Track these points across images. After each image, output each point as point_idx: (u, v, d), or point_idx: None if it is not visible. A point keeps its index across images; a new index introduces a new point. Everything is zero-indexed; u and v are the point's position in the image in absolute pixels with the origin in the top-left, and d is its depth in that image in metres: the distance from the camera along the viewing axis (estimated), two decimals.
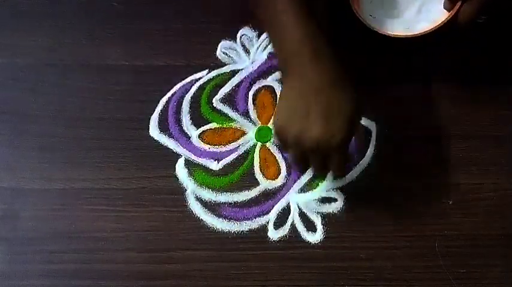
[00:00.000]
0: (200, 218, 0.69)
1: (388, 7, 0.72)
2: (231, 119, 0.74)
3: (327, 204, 0.70)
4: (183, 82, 0.76)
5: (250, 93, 0.75)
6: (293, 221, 0.69)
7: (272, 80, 0.76)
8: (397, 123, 0.73)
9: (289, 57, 0.63)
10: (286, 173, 0.71)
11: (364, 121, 0.73)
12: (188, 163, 0.72)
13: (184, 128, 0.74)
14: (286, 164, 0.72)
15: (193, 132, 0.74)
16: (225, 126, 0.74)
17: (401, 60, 0.76)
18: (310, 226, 0.68)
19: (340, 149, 0.62)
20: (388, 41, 0.69)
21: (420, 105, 0.74)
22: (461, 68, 0.76)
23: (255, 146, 0.73)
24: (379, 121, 0.73)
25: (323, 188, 0.70)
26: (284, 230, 0.68)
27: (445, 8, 0.68)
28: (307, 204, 0.70)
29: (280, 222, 0.69)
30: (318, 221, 0.69)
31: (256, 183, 0.71)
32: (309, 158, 0.64)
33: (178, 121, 0.74)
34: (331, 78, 0.61)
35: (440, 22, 0.67)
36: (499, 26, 0.77)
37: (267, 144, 0.73)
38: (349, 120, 0.61)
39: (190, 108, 0.75)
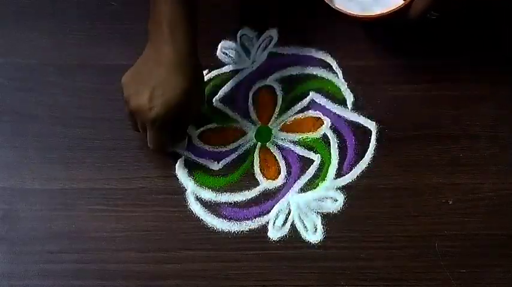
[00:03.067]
0: (200, 218, 0.69)
1: None
2: (231, 119, 0.74)
3: (327, 204, 0.70)
4: None
5: (250, 93, 0.75)
6: (293, 221, 0.69)
7: (272, 80, 0.76)
8: (397, 123, 0.73)
9: (154, 25, 0.67)
10: (286, 173, 0.71)
11: (364, 121, 0.73)
12: (188, 163, 0.72)
13: None
14: (286, 164, 0.72)
15: (193, 132, 0.73)
16: (225, 126, 0.74)
17: (401, 60, 0.76)
18: (310, 226, 0.68)
19: (154, 124, 0.65)
20: (346, 20, 0.69)
21: (420, 105, 0.74)
22: (461, 68, 0.76)
23: (255, 146, 0.73)
24: (379, 121, 0.73)
25: (323, 188, 0.70)
26: (284, 230, 0.68)
27: None
28: (307, 204, 0.70)
29: (280, 222, 0.69)
30: (318, 221, 0.69)
31: (256, 183, 0.71)
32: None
33: None
34: (181, 58, 0.65)
35: (393, 8, 0.67)
36: (499, 25, 0.77)
37: (267, 144, 0.73)
38: (175, 103, 0.65)
39: None
